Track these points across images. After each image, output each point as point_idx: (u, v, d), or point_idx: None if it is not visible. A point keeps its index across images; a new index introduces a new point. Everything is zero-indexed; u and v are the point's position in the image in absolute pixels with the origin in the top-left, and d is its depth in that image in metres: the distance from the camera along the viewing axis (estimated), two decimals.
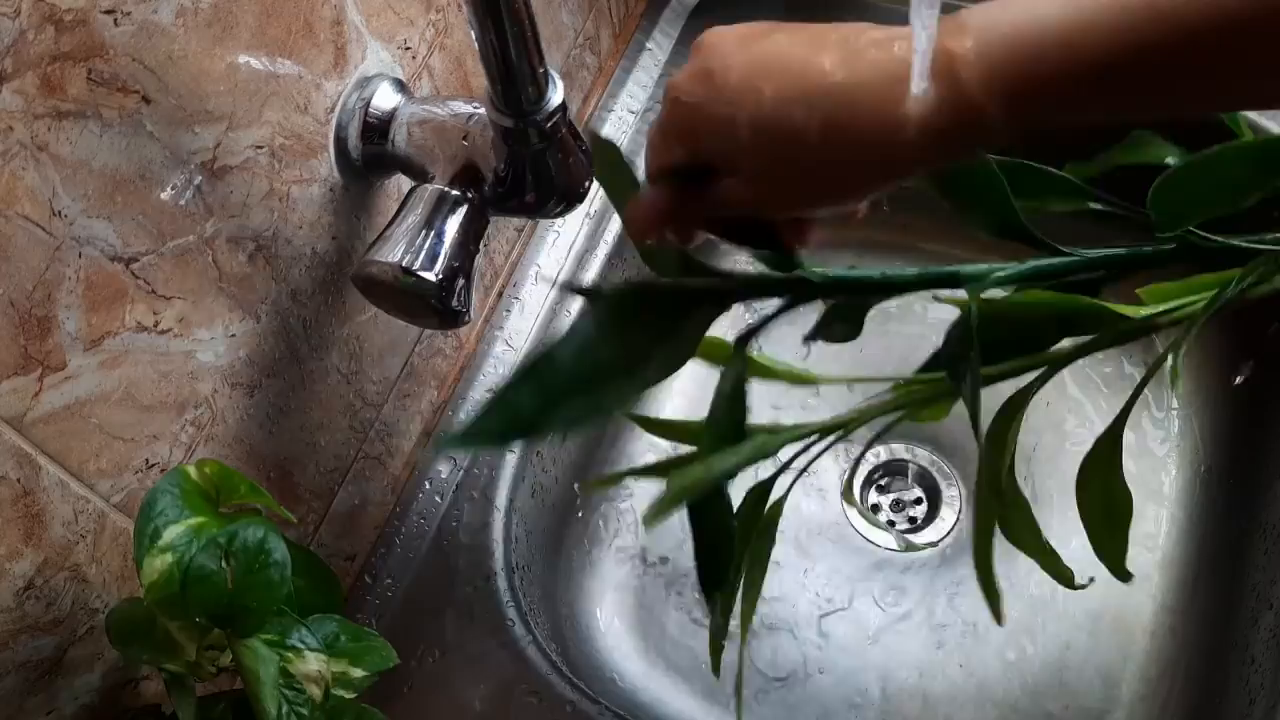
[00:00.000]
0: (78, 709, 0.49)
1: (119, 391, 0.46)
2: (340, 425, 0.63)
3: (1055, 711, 0.73)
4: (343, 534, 0.66)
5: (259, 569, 0.42)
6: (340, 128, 0.55)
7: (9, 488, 0.42)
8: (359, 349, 0.62)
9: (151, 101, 0.43)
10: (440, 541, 0.68)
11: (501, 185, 0.52)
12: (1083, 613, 0.75)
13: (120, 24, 0.41)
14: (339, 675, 0.45)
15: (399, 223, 0.52)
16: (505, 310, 0.75)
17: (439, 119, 0.54)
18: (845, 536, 0.80)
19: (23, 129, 0.38)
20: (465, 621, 0.65)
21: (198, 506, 0.43)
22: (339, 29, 0.53)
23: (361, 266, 0.52)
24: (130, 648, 0.44)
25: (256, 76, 0.48)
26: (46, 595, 0.45)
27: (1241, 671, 0.66)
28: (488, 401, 0.36)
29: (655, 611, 0.78)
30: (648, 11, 0.88)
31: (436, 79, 0.62)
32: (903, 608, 0.77)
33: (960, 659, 0.75)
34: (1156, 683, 0.72)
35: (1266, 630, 0.65)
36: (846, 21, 0.37)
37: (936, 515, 0.80)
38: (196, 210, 0.47)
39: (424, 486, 0.70)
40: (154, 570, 0.41)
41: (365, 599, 0.66)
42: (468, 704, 0.62)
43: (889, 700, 0.74)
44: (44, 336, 0.41)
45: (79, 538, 0.46)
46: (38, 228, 0.40)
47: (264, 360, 0.54)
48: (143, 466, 0.48)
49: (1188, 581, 0.75)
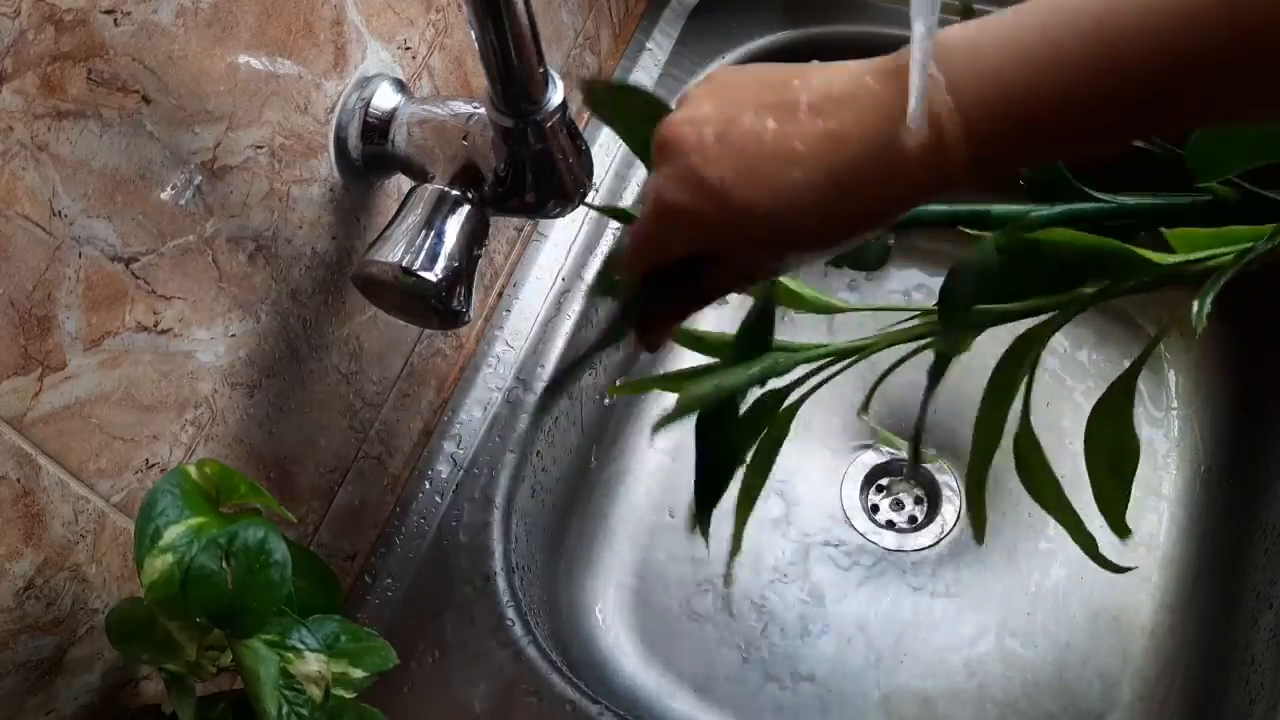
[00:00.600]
0: (77, 709, 0.49)
1: (119, 391, 0.46)
2: (340, 425, 0.63)
3: (1055, 711, 0.73)
4: (343, 534, 0.66)
5: (259, 569, 0.41)
6: (340, 128, 0.55)
7: (9, 488, 0.42)
8: (359, 349, 0.62)
9: (151, 101, 0.43)
10: (440, 541, 0.68)
11: (501, 185, 0.52)
12: (1083, 613, 0.75)
13: (120, 24, 0.41)
14: (339, 675, 0.45)
15: (399, 223, 0.52)
16: (505, 310, 0.75)
17: (439, 119, 0.54)
18: (846, 536, 0.80)
19: (23, 129, 0.38)
20: (465, 621, 0.65)
21: (198, 507, 0.43)
22: (339, 29, 0.53)
23: (361, 266, 0.52)
24: (130, 648, 0.44)
25: (256, 76, 0.48)
26: (46, 595, 0.45)
27: (1241, 671, 0.66)
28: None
29: (655, 611, 0.78)
30: (648, 11, 0.88)
31: (436, 79, 0.62)
32: (903, 607, 0.77)
33: (960, 659, 0.75)
34: (1156, 683, 0.72)
35: (1266, 630, 0.65)
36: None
37: (936, 515, 0.80)
38: (196, 210, 0.47)
39: (424, 486, 0.70)
40: (154, 570, 0.41)
41: (365, 599, 0.66)
42: (468, 704, 0.62)
43: (889, 700, 0.74)
44: (44, 336, 0.41)
45: (79, 538, 0.46)
46: (38, 228, 0.40)
47: (264, 360, 0.54)
48: (143, 466, 0.48)
49: (1188, 581, 0.75)
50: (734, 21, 0.86)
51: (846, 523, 0.80)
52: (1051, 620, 0.75)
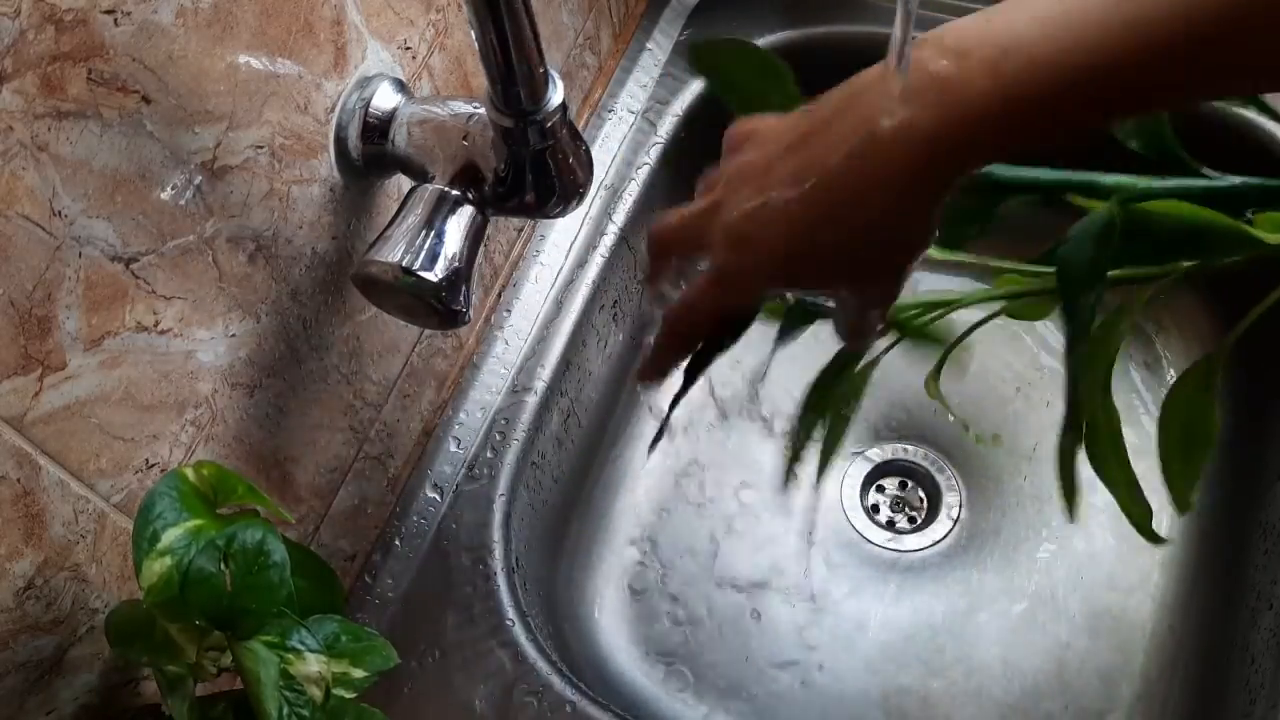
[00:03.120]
0: (77, 709, 0.49)
1: (119, 391, 0.46)
2: (340, 425, 0.63)
3: (1055, 711, 0.73)
4: (343, 534, 0.66)
5: (258, 571, 0.41)
6: (340, 128, 0.55)
7: (9, 488, 0.42)
8: (359, 349, 0.62)
9: (151, 101, 0.43)
10: (440, 541, 0.68)
11: (501, 185, 0.52)
12: (1083, 613, 0.75)
13: (120, 24, 0.41)
14: (339, 676, 0.45)
15: (399, 223, 0.52)
16: (505, 310, 0.75)
17: (439, 119, 0.54)
18: (846, 536, 0.80)
19: (23, 129, 0.38)
20: (465, 621, 0.65)
21: (196, 509, 0.43)
22: (339, 29, 0.53)
23: (361, 266, 0.52)
24: (130, 650, 0.44)
25: (256, 76, 0.48)
26: (46, 595, 0.45)
27: (1241, 671, 0.66)
28: None
29: (656, 611, 0.78)
30: (648, 11, 0.88)
31: (436, 79, 0.62)
32: (903, 607, 0.77)
33: (960, 659, 0.75)
34: (1156, 683, 0.72)
35: (1266, 630, 0.65)
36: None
37: (937, 515, 0.80)
38: (196, 210, 0.47)
39: (424, 486, 0.70)
40: (153, 573, 0.41)
41: (365, 599, 0.66)
42: (468, 704, 0.62)
43: (889, 700, 0.74)
44: (44, 336, 0.41)
45: (79, 538, 0.46)
46: (38, 228, 0.40)
47: (264, 360, 0.54)
48: (143, 466, 0.48)
49: (1188, 581, 0.75)
50: (734, 21, 0.86)
51: (847, 522, 0.80)
52: (1051, 620, 0.75)
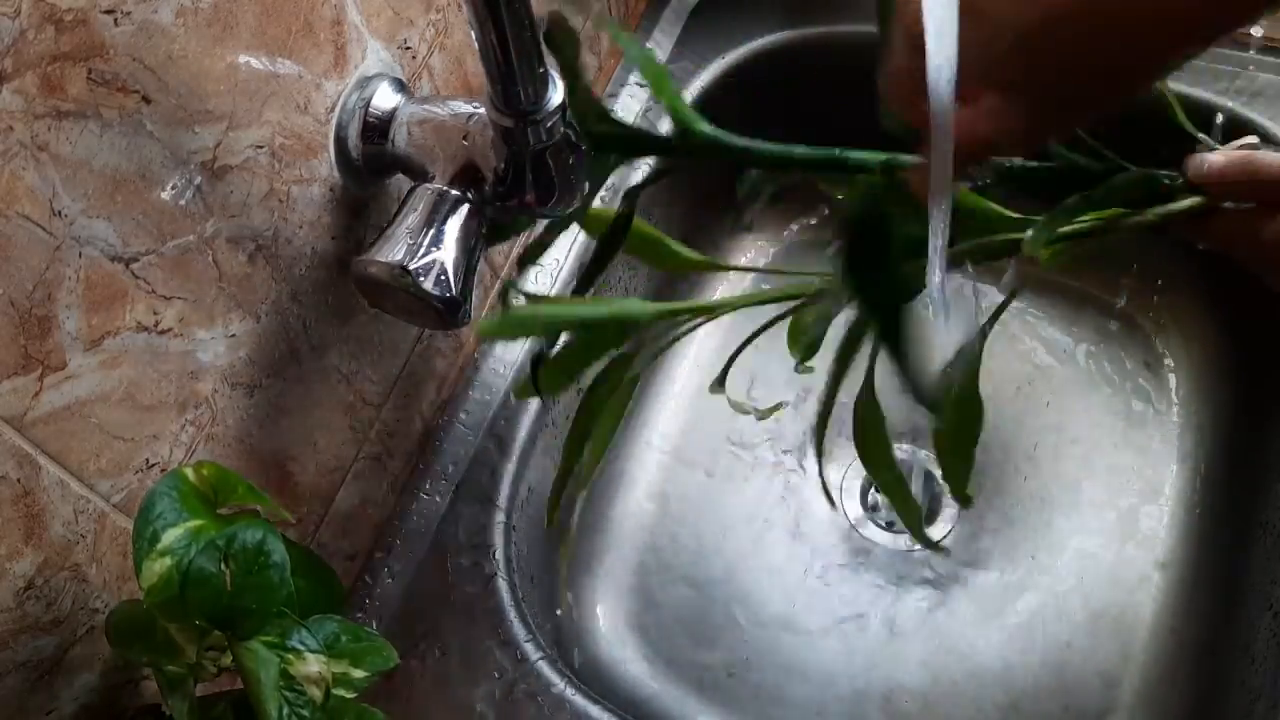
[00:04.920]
0: (77, 709, 0.49)
1: (119, 391, 0.46)
2: (340, 425, 0.63)
3: (1055, 711, 0.73)
4: (343, 534, 0.66)
5: (258, 571, 0.41)
6: (340, 128, 0.55)
7: (9, 488, 0.42)
8: (359, 349, 0.62)
9: (151, 101, 0.43)
10: (440, 541, 0.68)
11: (501, 185, 0.52)
12: (1083, 613, 0.75)
13: (120, 24, 0.41)
14: (339, 676, 0.45)
15: (399, 223, 0.52)
16: None
17: (439, 119, 0.54)
18: (846, 536, 0.80)
19: (23, 129, 0.38)
20: (465, 621, 0.65)
21: (196, 509, 0.43)
22: (339, 29, 0.53)
23: (361, 266, 0.52)
24: (131, 650, 0.44)
25: (256, 76, 0.48)
26: (46, 595, 0.45)
27: (1241, 671, 0.66)
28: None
29: (656, 611, 0.78)
30: (648, 11, 0.88)
31: (436, 79, 0.62)
32: (904, 607, 0.77)
33: (960, 659, 0.75)
34: (1156, 683, 0.72)
35: (1266, 630, 0.65)
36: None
37: (937, 515, 0.80)
38: (196, 210, 0.47)
39: (424, 486, 0.70)
40: (153, 574, 0.41)
41: (365, 599, 0.66)
42: (468, 704, 0.62)
43: (889, 700, 0.74)
44: (44, 336, 0.41)
45: (79, 537, 0.46)
46: (38, 228, 0.40)
47: (264, 360, 0.54)
48: (143, 466, 0.48)
49: (1188, 581, 0.75)
50: (734, 21, 0.86)
51: (847, 522, 0.80)
52: (1052, 620, 0.75)
